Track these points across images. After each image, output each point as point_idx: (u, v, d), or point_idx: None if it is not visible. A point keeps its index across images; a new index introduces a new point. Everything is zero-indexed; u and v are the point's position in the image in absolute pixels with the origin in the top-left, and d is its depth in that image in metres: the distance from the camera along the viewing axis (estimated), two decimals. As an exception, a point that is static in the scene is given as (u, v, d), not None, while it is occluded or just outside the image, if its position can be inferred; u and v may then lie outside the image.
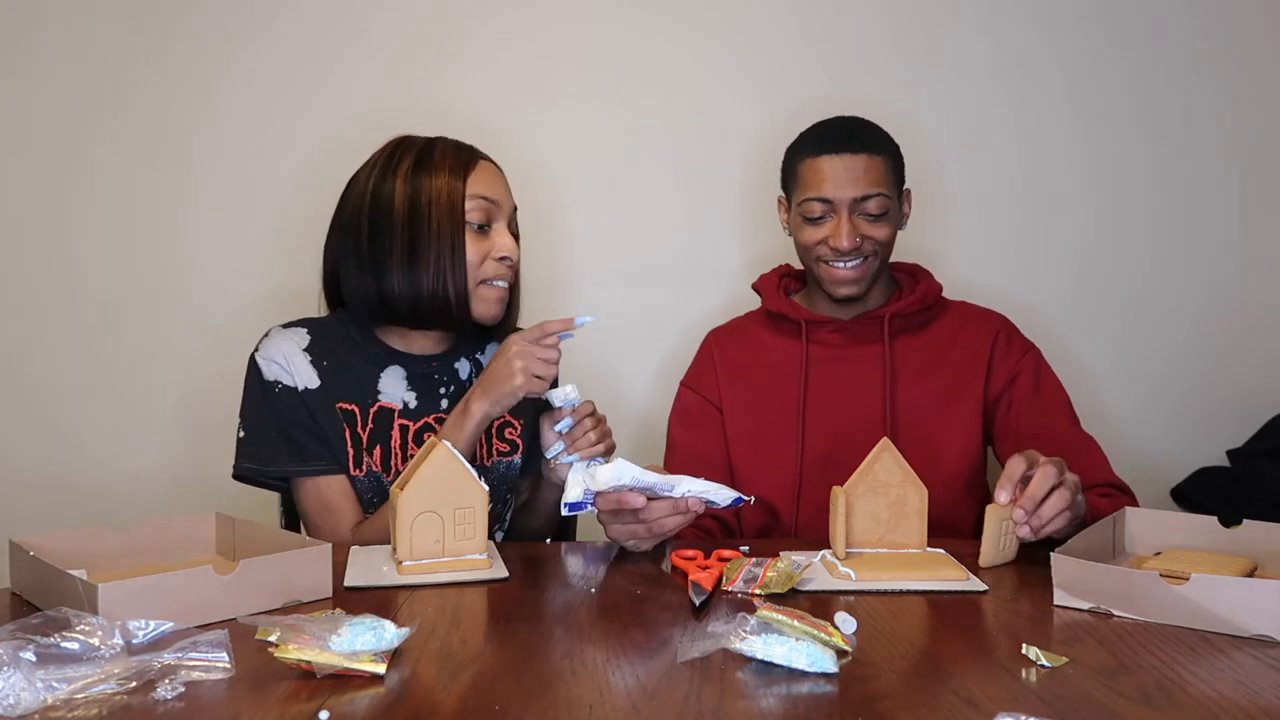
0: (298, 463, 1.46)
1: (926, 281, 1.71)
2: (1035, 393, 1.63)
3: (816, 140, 1.63)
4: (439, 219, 1.44)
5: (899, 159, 1.66)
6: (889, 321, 1.66)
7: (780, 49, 2.08)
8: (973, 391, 1.64)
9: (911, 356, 1.66)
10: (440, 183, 1.45)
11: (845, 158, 1.59)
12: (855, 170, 1.59)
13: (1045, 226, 2.12)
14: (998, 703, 0.87)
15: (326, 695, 0.89)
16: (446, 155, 1.49)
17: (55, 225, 2.05)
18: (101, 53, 2.03)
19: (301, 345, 1.50)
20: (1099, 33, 2.09)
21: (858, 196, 1.59)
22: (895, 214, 1.64)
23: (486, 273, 1.48)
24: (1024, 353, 1.67)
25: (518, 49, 2.06)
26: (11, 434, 2.06)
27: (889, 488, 1.28)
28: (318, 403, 1.47)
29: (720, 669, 0.95)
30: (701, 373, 1.74)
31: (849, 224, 1.59)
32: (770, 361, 1.69)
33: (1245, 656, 0.98)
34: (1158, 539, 1.30)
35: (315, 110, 2.04)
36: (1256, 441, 2.04)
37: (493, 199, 1.48)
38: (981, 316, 1.72)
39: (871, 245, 1.62)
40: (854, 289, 1.64)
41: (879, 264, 1.64)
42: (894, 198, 1.63)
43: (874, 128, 1.66)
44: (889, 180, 1.61)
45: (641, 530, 1.31)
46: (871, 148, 1.61)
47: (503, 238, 1.49)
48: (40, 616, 0.97)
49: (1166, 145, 2.11)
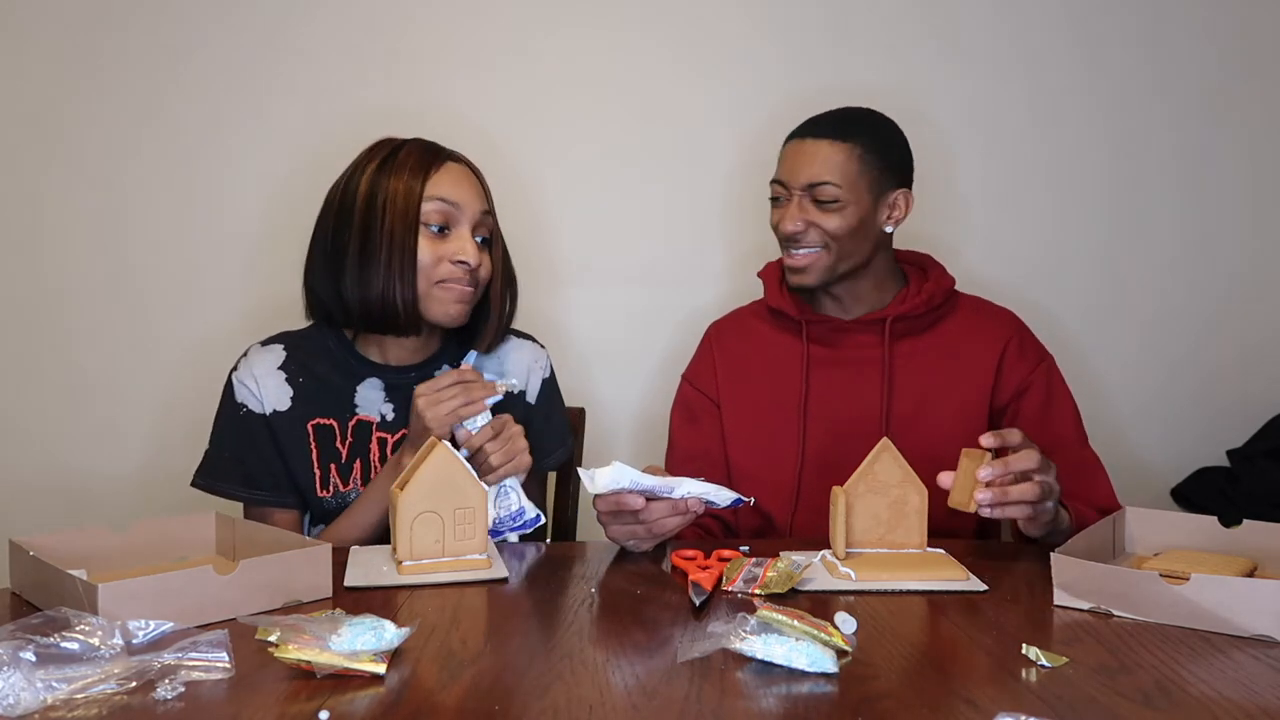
0: (243, 488, 1.48)
1: (935, 278, 1.63)
2: (1044, 408, 1.57)
3: (799, 124, 1.60)
4: (392, 219, 1.41)
5: (886, 154, 1.57)
6: (890, 325, 1.60)
7: (778, 44, 2.08)
8: (978, 399, 1.57)
9: (914, 360, 1.60)
10: (398, 183, 1.43)
11: (808, 142, 1.55)
12: (811, 155, 1.54)
13: (1054, 227, 2.11)
14: (998, 703, 0.87)
15: (326, 695, 0.89)
16: (412, 155, 1.46)
17: (38, 231, 2.04)
18: (85, 54, 2.02)
19: (277, 363, 1.50)
20: (1116, 27, 2.08)
21: (807, 183, 1.54)
22: (858, 208, 1.54)
23: (441, 274, 1.44)
24: (1036, 363, 1.60)
25: (506, 51, 2.05)
26: (7, 436, 2.07)
27: (889, 488, 1.28)
28: (286, 425, 1.47)
29: (720, 669, 0.95)
30: (700, 367, 1.71)
31: (796, 208, 1.55)
32: (770, 358, 1.66)
33: (1245, 656, 0.98)
34: (1158, 539, 1.30)
35: (303, 112, 2.04)
36: (1256, 442, 2.04)
37: (453, 201, 1.44)
38: (993, 317, 1.65)
39: (819, 235, 1.55)
40: (803, 278, 1.58)
41: (833, 258, 1.56)
42: (854, 189, 1.54)
43: (861, 118, 1.59)
44: (852, 170, 1.53)
45: (641, 531, 1.31)
46: (840, 135, 1.54)
47: (462, 241, 1.45)
48: (40, 616, 0.97)
49: (1177, 149, 2.11)
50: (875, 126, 1.59)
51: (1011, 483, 1.24)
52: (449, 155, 1.50)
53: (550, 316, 2.04)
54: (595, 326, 2.09)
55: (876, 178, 1.56)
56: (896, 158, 1.59)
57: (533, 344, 1.62)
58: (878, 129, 1.59)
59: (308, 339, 1.53)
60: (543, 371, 1.60)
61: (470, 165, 1.51)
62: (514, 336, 1.60)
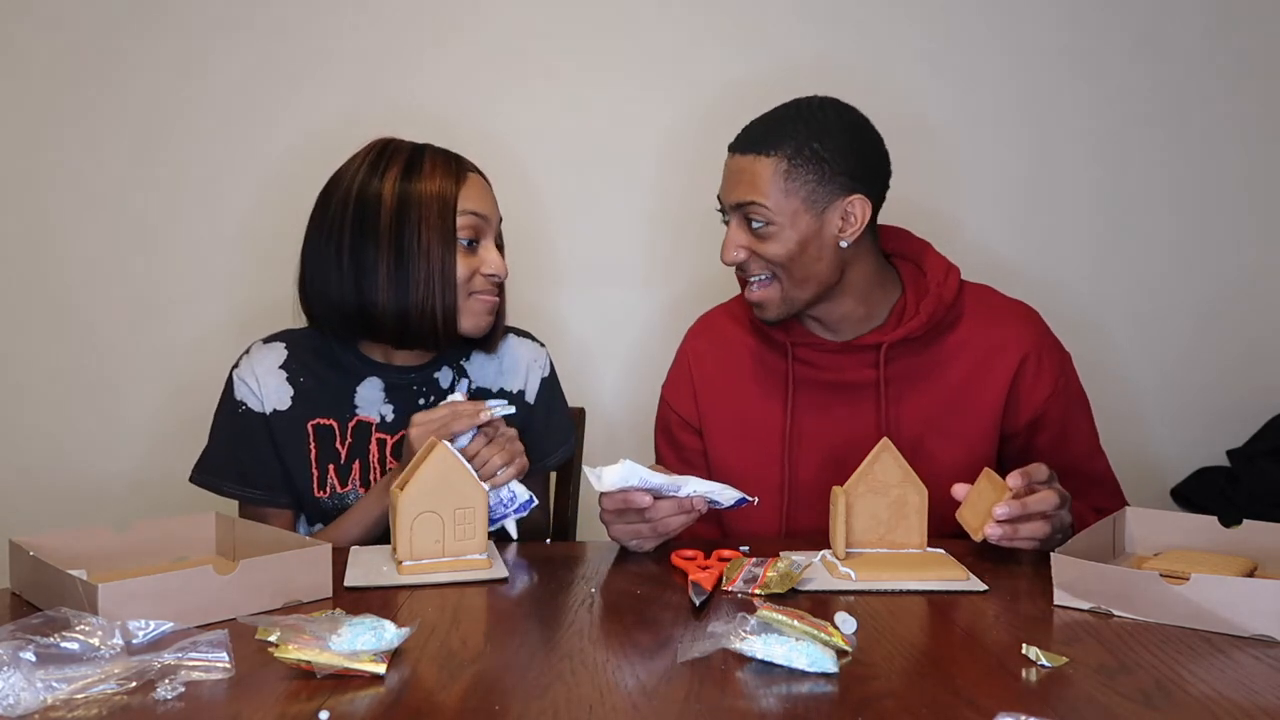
0: (237, 486, 1.48)
1: (938, 288, 1.44)
2: (1060, 439, 1.45)
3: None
4: (428, 233, 1.40)
5: (824, 161, 1.36)
6: (885, 351, 1.44)
7: (779, 42, 2.07)
8: (987, 426, 1.44)
9: (914, 384, 1.45)
10: (431, 194, 1.41)
11: (734, 158, 1.40)
12: (737, 173, 1.39)
13: (1053, 226, 2.11)
14: (998, 703, 0.87)
15: (326, 695, 0.89)
16: (438, 165, 1.44)
17: (39, 231, 2.04)
18: (88, 56, 2.02)
19: (278, 361, 1.50)
20: (1113, 20, 2.08)
21: (734, 204, 1.39)
22: (795, 230, 1.37)
23: (475, 287, 1.44)
24: (1052, 386, 1.44)
25: (506, 51, 2.05)
26: (7, 436, 2.07)
27: (889, 488, 1.28)
28: (285, 424, 1.47)
29: (720, 669, 0.95)
30: (678, 390, 1.58)
31: (733, 234, 1.40)
32: (752, 376, 1.52)
33: (1245, 656, 0.98)
34: (1158, 539, 1.29)
35: (306, 113, 2.04)
36: (1256, 442, 2.04)
37: (482, 214, 1.44)
38: (1005, 324, 1.46)
39: (761, 264, 1.40)
40: (763, 313, 1.44)
41: (785, 288, 1.41)
42: (784, 209, 1.36)
43: (791, 121, 1.39)
44: (778, 188, 1.36)
45: (646, 530, 1.30)
46: (762, 146, 1.37)
47: (490, 254, 1.45)
48: (40, 616, 0.97)
49: (1175, 145, 2.10)
50: (809, 128, 1.38)
51: (1025, 521, 1.23)
52: (469, 166, 1.49)
53: (550, 316, 2.04)
54: (595, 326, 2.09)
55: (814, 190, 1.37)
56: (842, 160, 1.38)
57: (532, 342, 1.61)
58: (811, 130, 1.37)
59: (310, 337, 1.53)
60: (542, 370, 1.59)
61: (482, 174, 1.50)
62: (513, 335, 1.59)
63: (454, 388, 1.53)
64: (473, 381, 1.54)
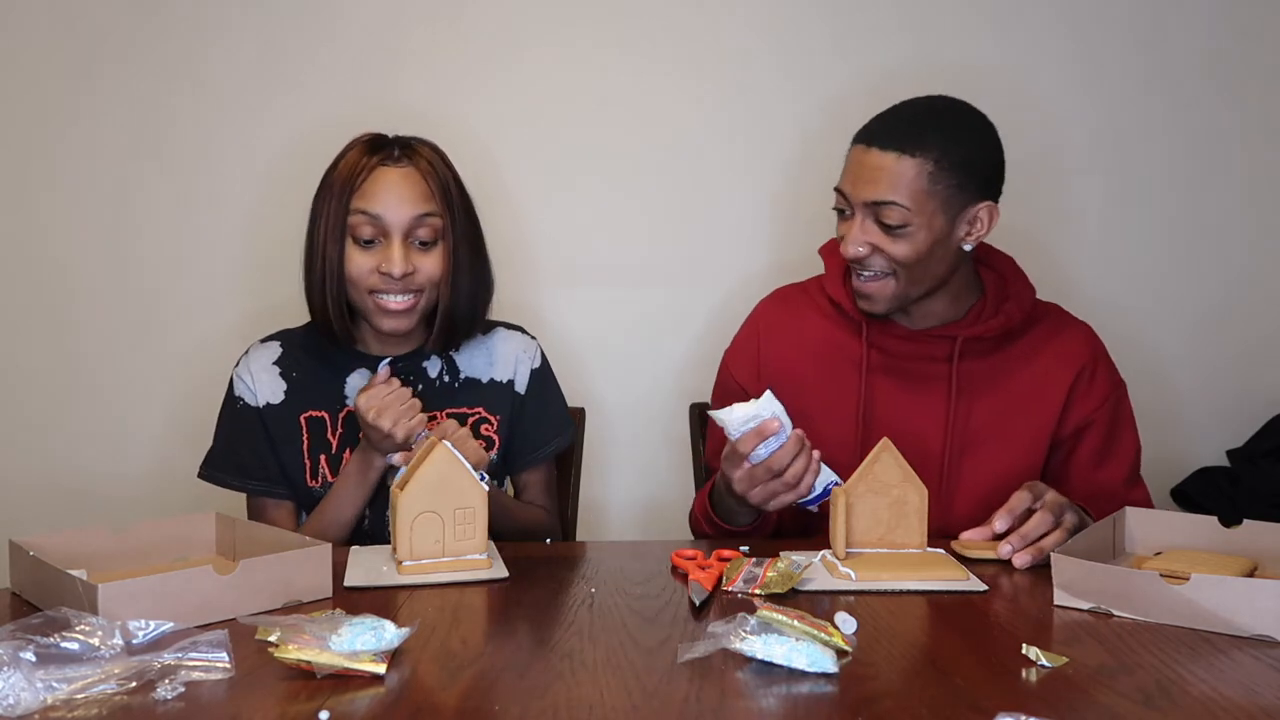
0: (238, 478, 1.51)
1: (1017, 296, 1.47)
2: (1101, 453, 1.46)
3: (864, 126, 1.41)
4: (325, 234, 1.44)
5: (967, 165, 1.36)
6: (960, 344, 1.44)
7: (778, 40, 2.07)
8: (1042, 429, 1.46)
9: (982, 380, 1.46)
10: (329, 195, 1.44)
11: (872, 153, 1.36)
12: (875, 170, 1.35)
13: (1052, 225, 2.11)
14: (998, 703, 0.87)
15: (326, 695, 0.89)
16: (347, 164, 1.45)
17: (40, 231, 2.04)
18: (87, 55, 2.01)
19: (272, 358, 1.53)
20: (1118, 22, 2.08)
21: (869, 200, 1.36)
22: (929, 231, 1.36)
23: (372, 285, 1.44)
24: (1103, 399, 1.47)
25: (506, 51, 2.05)
26: (8, 436, 2.07)
27: (889, 488, 1.28)
28: (279, 417, 1.50)
29: (720, 669, 0.95)
30: (743, 358, 1.55)
31: (859, 228, 1.37)
32: (823, 356, 1.50)
33: (1245, 656, 0.98)
34: (1158, 539, 1.30)
35: (308, 113, 2.03)
36: (1257, 441, 2.04)
37: (375, 214, 1.42)
38: (1070, 338, 1.50)
39: (885, 261, 1.38)
40: (870, 305, 1.43)
41: (902, 286, 1.40)
42: (925, 210, 1.35)
43: (938, 121, 1.38)
44: (921, 189, 1.34)
45: (779, 486, 1.30)
46: (910, 147, 1.34)
47: (392, 252, 1.42)
48: (40, 616, 0.97)
49: (1175, 148, 2.10)
50: (956, 130, 1.38)
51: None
52: (389, 157, 1.46)
53: (550, 316, 2.04)
54: (595, 326, 2.09)
55: (953, 195, 1.36)
56: (980, 167, 1.38)
57: (522, 335, 1.61)
58: (959, 133, 1.37)
59: (304, 334, 1.56)
60: (531, 362, 1.59)
61: (421, 163, 1.46)
62: (502, 329, 1.60)
63: (443, 377, 1.55)
64: (462, 371, 1.55)
